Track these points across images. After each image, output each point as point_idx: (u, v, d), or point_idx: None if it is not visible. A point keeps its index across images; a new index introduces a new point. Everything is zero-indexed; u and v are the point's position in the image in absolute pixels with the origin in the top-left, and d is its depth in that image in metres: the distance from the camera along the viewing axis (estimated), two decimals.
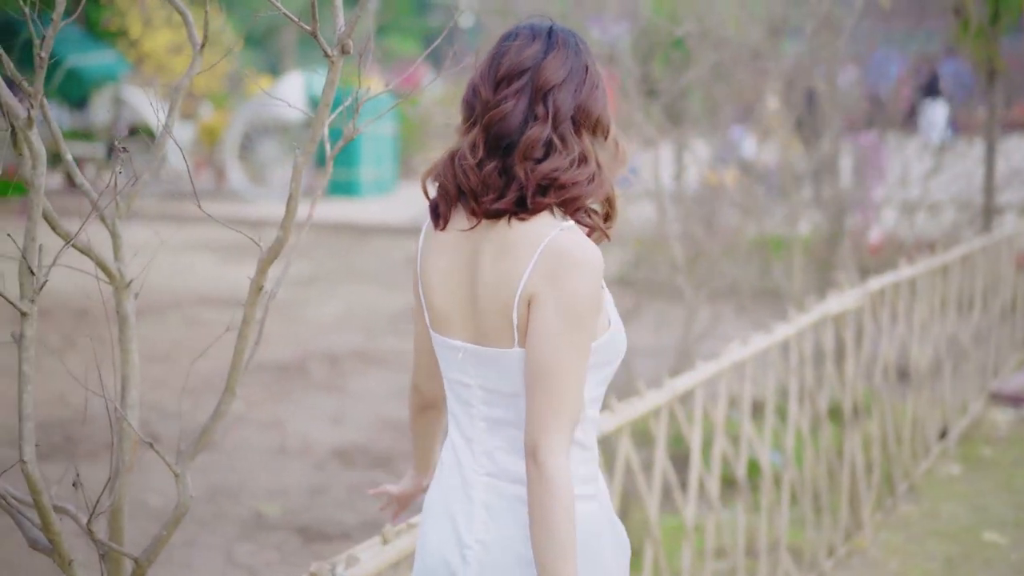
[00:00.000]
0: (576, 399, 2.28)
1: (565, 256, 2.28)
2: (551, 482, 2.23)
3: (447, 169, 2.41)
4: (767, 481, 4.84)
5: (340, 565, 2.64)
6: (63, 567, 2.37)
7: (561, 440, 2.25)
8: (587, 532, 2.37)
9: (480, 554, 2.41)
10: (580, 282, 2.27)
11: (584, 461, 2.40)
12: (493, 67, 2.39)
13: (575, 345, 2.27)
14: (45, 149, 2.22)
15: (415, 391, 2.76)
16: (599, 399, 2.45)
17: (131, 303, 2.58)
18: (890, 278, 6.05)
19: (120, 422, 2.51)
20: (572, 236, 2.30)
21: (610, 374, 2.44)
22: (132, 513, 4.23)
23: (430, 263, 2.46)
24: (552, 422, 2.26)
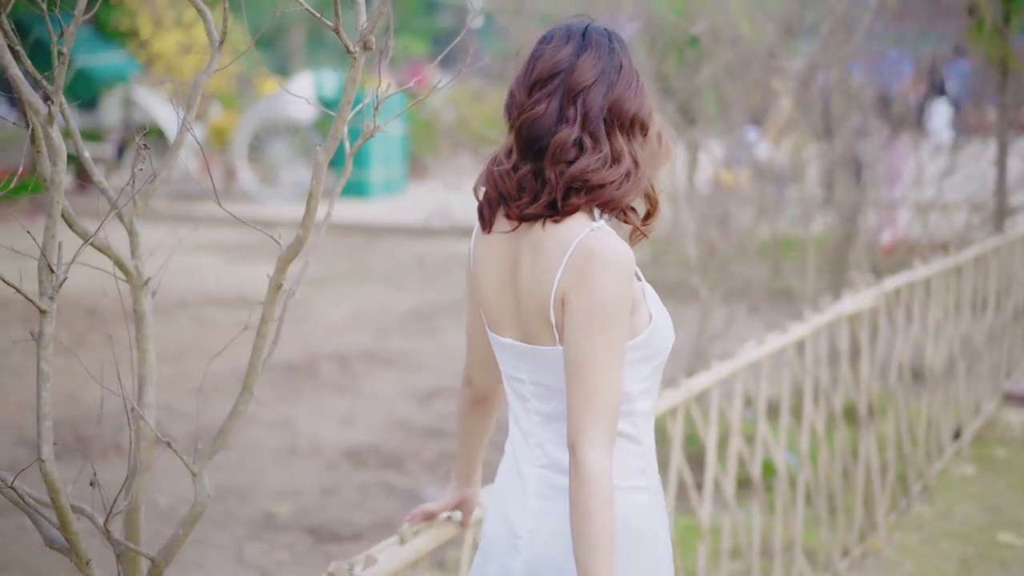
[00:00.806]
0: (611, 394, 2.32)
1: (594, 256, 2.32)
2: (586, 475, 2.28)
3: (487, 174, 2.47)
4: (782, 481, 4.82)
5: (358, 565, 2.63)
6: (80, 566, 2.36)
7: (597, 435, 2.30)
8: (637, 525, 2.45)
9: (530, 543, 2.49)
10: (608, 281, 2.31)
11: (634, 454, 2.46)
12: (528, 71, 2.44)
13: (606, 343, 2.31)
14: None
15: (467, 385, 2.80)
16: (649, 392, 2.50)
17: (148, 301, 2.58)
18: (905, 278, 6.03)
19: (137, 421, 2.50)
20: (600, 236, 2.35)
21: (659, 367, 2.49)
22: (145, 514, 4.21)
23: (480, 265, 2.55)
24: (587, 418, 2.30)
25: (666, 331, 2.47)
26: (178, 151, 2.55)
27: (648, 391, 2.49)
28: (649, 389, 2.49)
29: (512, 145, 2.42)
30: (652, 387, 2.50)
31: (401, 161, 21.51)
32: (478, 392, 2.77)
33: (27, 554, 5.71)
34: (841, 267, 7.72)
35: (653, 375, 2.49)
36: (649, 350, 2.44)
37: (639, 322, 2.42)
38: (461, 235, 14.50)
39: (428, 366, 9.61)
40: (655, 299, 2.49)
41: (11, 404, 8.01)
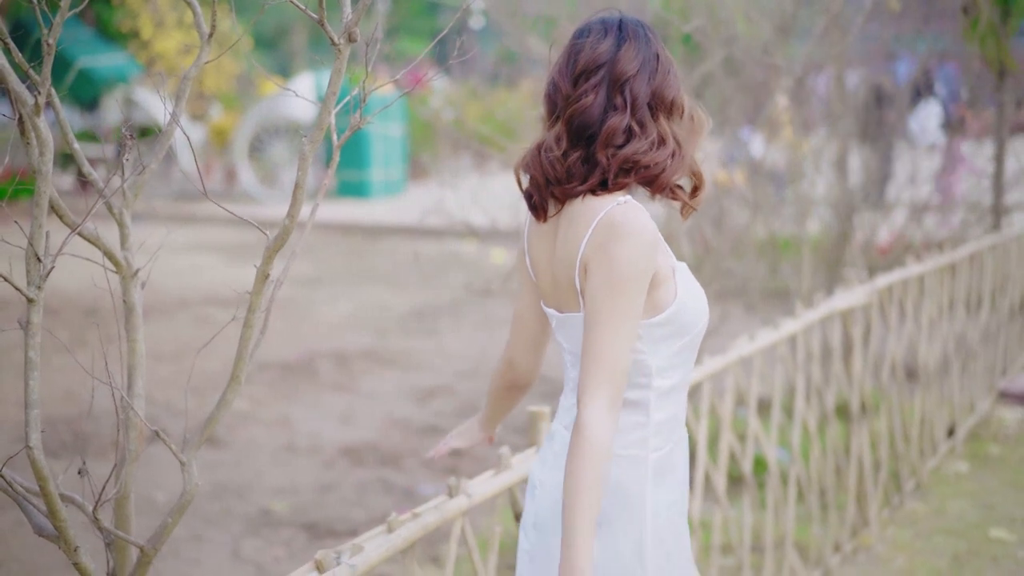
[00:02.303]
0: (616, 360, 2.43)
1: (615, 227, 2.46)
2: (581, 431, 2.41)
3: (535, 161, 2.60)
4: (774, 477, 4.84)
5: (346, 553, 2.65)
6: (69, 553, 2.38)
7: (599, 395, 2.42)
8: (626, 493, 2.58)
9: (540, 493, 2.68)
10: (625, 251, 2.44)
11: (638, 425, 2.59)
12: (571, 63, 2.58)
13: (617, 310, 2.44)
14: (55, 148, 2.25)
15: (508, 366, 2.93)
16: (673, 371, 2.60)
17: (138, 293, 2.59)
18: (898, 275, 6.05)
19: (126, 411, 2.52)
20: (625, 209, 2.49)
21: (687, 346, 2.60)
22: (139, 509, 4.24)
23: (533, 244, 2.70)
24: (592, 378, 2.44)
25: (696, 310, 2.58)
26: (167, 142, 2.57)
27: (671, 369, 2.59)
28: (674, 367, 2.59)
29: (561, 133, 2.56)
30: (678, 366, 2.60)
31: (401, 162, 21.54)
32: (519, 375, 2.92)
33: (23, 549, 5.73)
34: (837, 266, 7.74)
35: (681, 354, 2.60)
36: (674, 327, 2.56)
37: (664, 298, 2.54)
38: (458, 235, 14.56)
39: (427, 365, 9.63)
40: (688, 279, 2.61)
41: (11, 403, 8.03)
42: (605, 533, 2.58)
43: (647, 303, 2.52)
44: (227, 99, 23.00)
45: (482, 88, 10.52)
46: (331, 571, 2.58)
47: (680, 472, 2.70)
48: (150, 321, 10.94)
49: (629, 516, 2.58)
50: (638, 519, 2.58)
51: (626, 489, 2.58)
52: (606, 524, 2.57)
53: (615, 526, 2.58)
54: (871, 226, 8.36)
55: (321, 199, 2.57)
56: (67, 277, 11.45)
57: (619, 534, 2.58)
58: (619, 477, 2.57)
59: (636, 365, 2.55)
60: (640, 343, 2.54)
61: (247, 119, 20.55)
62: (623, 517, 2.58)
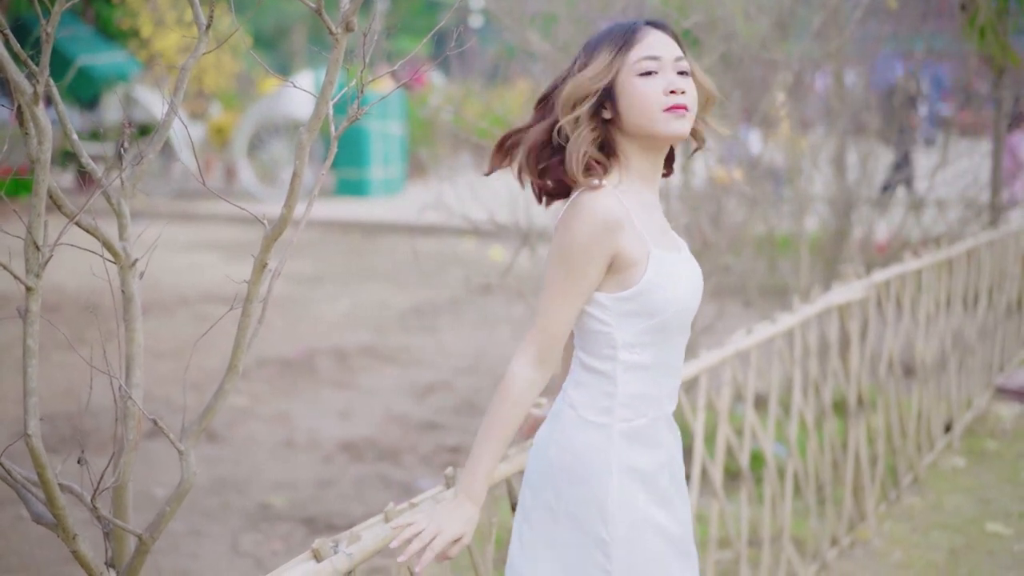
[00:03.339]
0: (551, 322, 2.66)
1: (574, 206, 2.66)
2: (503, 380, 2.67)
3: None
4: (771, 472, 4.85)
5: (343, 542, 2.66)
6: (67, 541, 2.39)
7: (527, 349, 2.67)
8: (583, 461, 2.72)
9: (532, 452, 2.85)
10: (575, 226, 2.63)
11: (603, 394, 2.72)
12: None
13: (559, 278, 2.65)
14: (56, 145, 2.26)
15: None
16: (642, 348, 2.70)
17: (136, 283, 2.61)
18: (895, 271, 6.06)
19: (125, 401, 2.53)
20: (589, 193, 2.65)
21: (657, 328, 2.70)
22: (139, 504, 4.25)
23: None
24: (527, 336, 2.69)
25: (667, 297, 2.66)
26: (166, 133, 2.58)
27: (640, 347, 2.69)
28: (643, 345, 2.69)
29: None
30: (648, 345, 2.70)
31: (400, 161, 21.55)
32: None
33: (24, 543, 5.75)
34: (835, 263, 7.75)
35: (651, 334, 2.69)
36: (638, 306, 2.66)
37: (631, 278, 2.65)
38: (457, 233, 14.56)
39: (426, 362, 9.64)
40: (668, 268, 2.68)
41: (10, 400, 8.05)
42: (571, 491, 2.71)
43: (615, 281, 2.66)
44: (226, 98, 23.00)
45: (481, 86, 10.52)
46: (328, 560, 2.59)
47: (664, 451, 2.78)
48: (150, 318, 10.95)
49: (593, 477, 2.70)
50: (603, 480, 2.69)
51: (591, 452, 2.71)
52: (575, 483, 2.71)
53: (581, 486, 2.71)
54: (869, 223, 8.38)
55: (317, 191, 2.59)
56: (67, 275, 11.47)
57: (584, 493, 2.71)
58: (586, 440, 2.72)
59: (603, 337, 2.70)
60: (607, 316, 2.68)
61: (246, 118, 20.55)
62: (588, 478, 2.70)
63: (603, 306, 2.68)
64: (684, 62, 2.71)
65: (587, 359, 2.73)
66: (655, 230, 2.72)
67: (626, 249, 2.63)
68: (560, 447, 2.74)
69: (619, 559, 2.71)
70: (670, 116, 2.67)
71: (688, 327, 2.80)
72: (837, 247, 7.93)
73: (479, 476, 2.68)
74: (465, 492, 2.68)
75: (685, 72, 2.71)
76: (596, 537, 2.70)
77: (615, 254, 2.63)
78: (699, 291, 2.80)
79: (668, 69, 2.69)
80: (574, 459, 2.72)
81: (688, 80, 2.70)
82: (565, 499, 2.72)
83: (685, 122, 2.68)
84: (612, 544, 2.70)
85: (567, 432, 2.74)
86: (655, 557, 2.75)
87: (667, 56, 2.69)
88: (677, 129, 2.68)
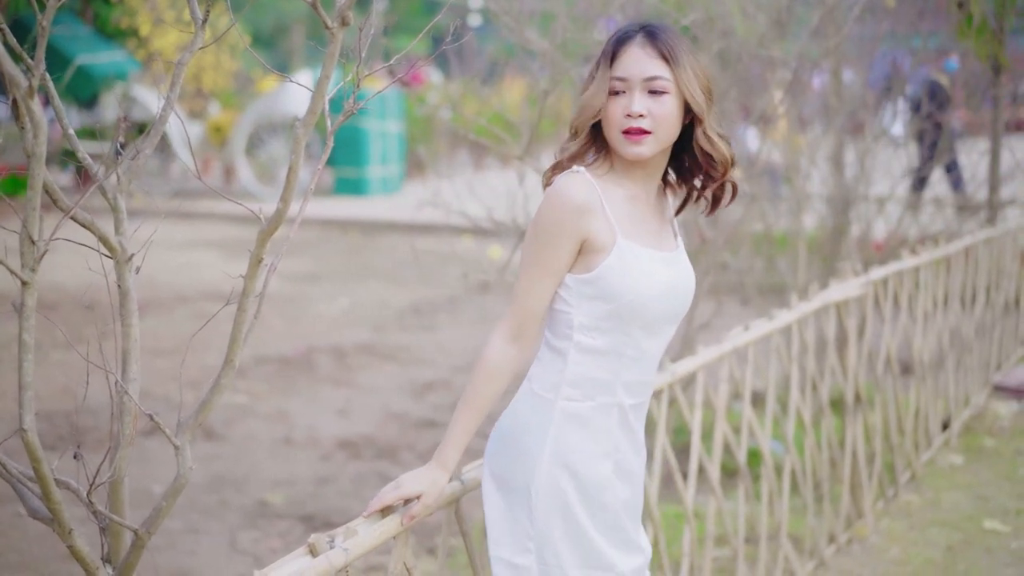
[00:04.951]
0: (525, 300, 2.76)
1: (548, 189, 2.79)
2: (480, 354, 2.78)
3: None
4: (768, 468, 4.85)
5: (339, 537, 2.66)
6: (63, 536, 2.39)
7: (503, 325, 2.78)
8: (522, 429, 2.83)
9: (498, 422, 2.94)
10: (545, 208, 2.75)
11: (555, 371, 2.81)
12: None
13: (530, 256, 2.76)
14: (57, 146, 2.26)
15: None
16: (599, 333, 2.77)
17: (132, 278, 2.61)
18: (893, 268, 6.07)
19: (121, 395, 2.53)
20: (564, 176, 2.76)
21: (615, 314, 2.75)
22: (137, 502, 4.26)
23: None
24: (506, 311, 2.80)
25: (628, 286, 2.72)
26: (162, 128, 2.58)
27: (596, 331, 2.77)
28: (600, 330, 2.77)
29: None
30: (605, 331, 2.77)
31: (399, 159, 21.55)
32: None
33: (23, 540, 5.75)
34: (833, 261, 7.75)
35: (609, 320, 2.76)
36: (598, 290, 2.74)
37: (594, 263, 2.73)
38: (456, 231, 14.56)
39: (425, 360, 9.64)
40: (631, 257, 2.73)
41: (10, 397, 8.05)
42: (508, 459, 2.84)
43: (581, 263, 2.75)
44: (225, 96, 22.99)
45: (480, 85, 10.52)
46: (324, 555, 2.59)
47: (609, 440, 2.83)
48: (149, 317, 10.95)
49: (528, 449, 2.81)
50: (535, 454, 2.79)
51: (531, 424, 2.81)
52: (511, 451, 2.84)
53: (516, 455, 2.83)
54: (867, 221, 8.38)
55: (314, 187, 2.59)
56: (67, 274, 11.47)
57: (517, 462, 2.82)
58: (529, 413, 2.83)
59: (563, 316, 2.79)
60: (569, 296, 2.77)
61: (245, 116, 20.55)
62: (523, 449, 2.81)
63: (567, 286, 2.77)
64: (660, 81, 2.74)
65: (549, 337, 2.84)
66: (631, 221, 2.78)
67: (595, 233, 2.72)
68: (509, 416, 2.88)
69: (540, 531, 2.80)
70: (626, 140, 2.75)
71: (656, 325, 2.82)
72: (835, 245, 7.93)
73: (450, 444, 2.79)
74: (436, 458, 2.81)
75: (657, 91, 2.74)
76: (523, 505, 2.81)
77: (584, 237, 2.72)
78: (678, 293, 2.84)
79: (635, 89, 2.74)
80: (515, 428, 2.84)
81: (659, 100, 2.74)
82: (502, 465, 2.85)
83: (643, 147, 2.74)
84: (536, 515, 2.80)
85: (518, 403, 2.87)
86: (576, 537, 2.82)
87: (636, 76, 2.74)
88: (632, 152, 2.75)
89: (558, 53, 5.69)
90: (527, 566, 2.81)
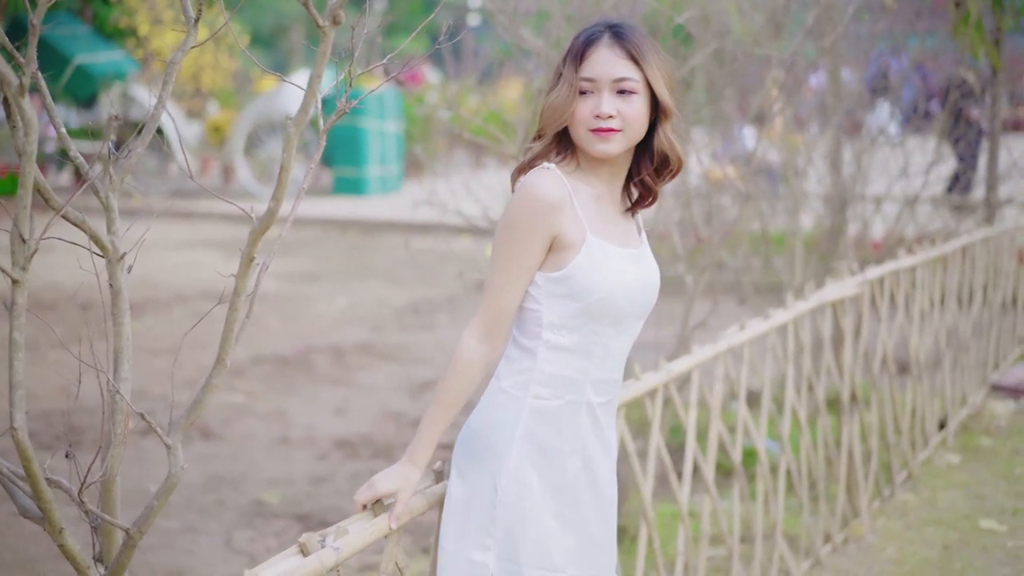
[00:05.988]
0: (497, 297, 2.76)
1: (519, 186, 2.81)
2: (454, 353, 2.80)
3: None
4: (764, 468, 4.85)
5: (330, 536, 2.66)
6: (54, 535, 2.39)
7: (475, 324, 2.79)
8: (488, 424, 2.84)
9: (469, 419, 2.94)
10: (516, 204, 2.77)
11: (521, 369, 2.82)
12: None
13: (500, 253, 2.77)
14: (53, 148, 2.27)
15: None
16: (568, 331, 2.79)
17: (124, 277, 2.60)
18: (889, 267, 6.07)
19: (112, 394, 2.53)
20: (534, 173, 2.78)
21: (584, 312, 2.77)
22: (133, 502, 4.25)
23: None
24: (477, 310, 2.81)
25: (596, 284, 2.74)
26: (154, 126, 2.57)
27: (566, 329, 2.78)
28: (569, 328, 2.78)
29: None
30: (574, 329, 2.79)
31: (397, 159, 21.55)
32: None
33: (18, 539, 5.75)
34: (830, 260, 7.75)
35: (578, 319, 2.78)
36: (567, 289, 2.75)
37: (563, 261, 2.75)
38: (453, 230, 14.55)
39: (423, 359, 9.65)
40: (600, 255, 2.76)
41: (3, 397, 8.04)
42: (475, 457, 2.84)
43: (551, 262, 2.76)
44: (224, 96, 22.99)
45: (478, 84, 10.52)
46: (315, 554, 2.59)
47: (576, 438, 2.85)
48: (147, 316, 10.96)
49: (495, 447, 2.81)
50: (502, 452, 2.80)
51: (499, 422, 2.82)
52: (478, 449, 2.84)
53: (483, 453, 2.83)
54: (864, 220, 8.38)
55: (307, 185, 2.59)
56: (65, 274, 11.46)
57: (483, 460, 2.82)
58: (497, 410, 2.83)
59: (532, 315, 2.80)
60: (539, 295, 2.78)
61: (244, 116, 20.55)
62: (490, 446, 2.82)
63: (536, 285, 2.78)
64: (628, 82, 2.77)
65: (517, 335, 2.84)
66: (599, 219, 2.81)
67: (564, 230, 2.74)
68: (477, 413, 2.88)
69: (503, 529, 2.81)
70: (594, 138, 2.78)
71: (625, 322, 2.84)
72: (832, 244, 7.93)
73: (421, 441, 2.79)
74: (408, 455, 2.81)
75: (626, 91, 2.77)
76: (487, 503, 2.81)
77: (555, 234, 2.74)
78: (645, 290, 2.86)
79: (604, 89, 2.77)
80: (483, 426, 2.85)
81: (628, 100, 2.77)
82: (468, 462, 2.85)
83: (611, 144, 2.78)
84: (499, 512, 2.80)
85: (486, 400, 2.87)
86: (540, 536, 2.82)
87: (604, 77, 2.77)
88: (601, 150, 2.79)
89: (553, 52, 5.69)
90: (485, 563, 2.81)
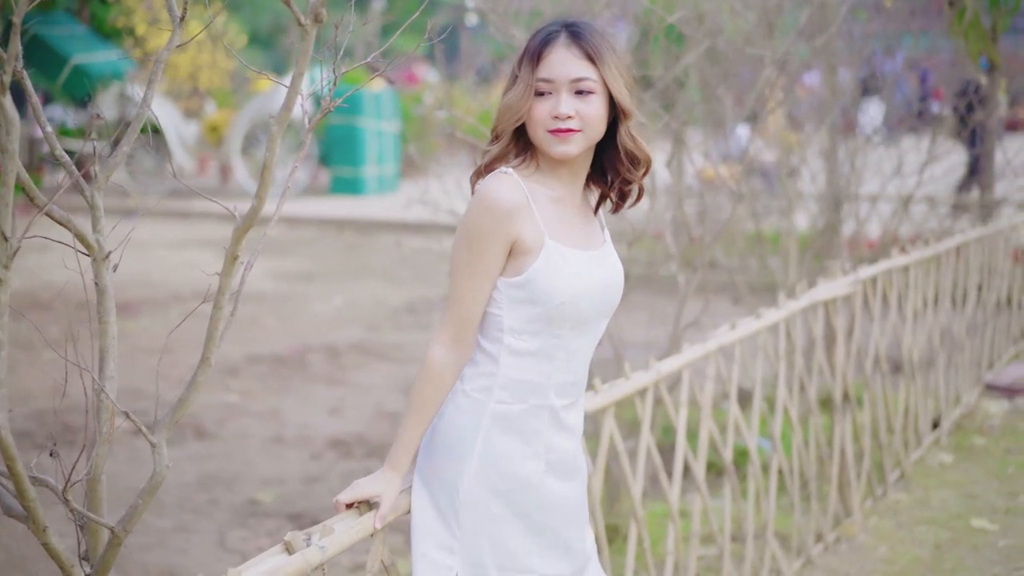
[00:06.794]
0: (461, 305, 2.76)
1: (476, 192, 2.79)
2: (425, 360, 2.78)
3: None
4: (755, 467, 4.85)
5: (316, 535, 2.66)
6: (38, 534, 2.39)
7: (442, 332, 2.78)
8: (454, 429, 2.83)
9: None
10: (473, 211, 2.74)
11: (484, 374, 2.82)
12: None
13: (461, 260, 2.75)
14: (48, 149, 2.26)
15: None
16: (529, 336, 2.79)
17: (109, 275, 2.61)
18: (882, 266, 6.07)
19: (98, 393, 2.53)
20: (490, 178, 2.77)
21: (544, 316, 2.77)
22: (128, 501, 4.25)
23: None
24: (443, 318, 2.81)
25: (556, 288, 2.74)
26: (140, 124, 2.57)
27: (526, 334, 2.79)
28: (529, 333, 2.78)
29: None
30: (535, 334, 2.79)
31: (395, 159, 21.56)
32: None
33: (12, 539, 5.75)
34: (824, 259, 7.75)
35: (537, 323, 2.77)
36: (527, 293, 2.75)
37: (523, 266, 2.74)
38: (450, 229, 14.56)
39: (418, 359, 9.62)
40: (559, 259, 2.75)
41: None
42: (436, 459, 2.84)
43: (512, 266, 2.75)
44: (221, 96, 22.99)
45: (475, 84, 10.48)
46: (300, 552, 2.60)
47: (540, 442, 2.85)
48: (144, 315, 10.97)
49: (457, 450, 2.82)
50: (464, 455, 2.81)
51: (462, 426, 2.82)
52: (440, 452, 2.84)
53: (445, 456, 2.83)
54: (859, 220, 8.38)
55: (291, 183, 2.59)
56: (63, 273, 11.47)
57: (446, 463, 2.83)
58: (460, 414, 2.83)
59: (494, 320, 2.79)
60: (500, 299, 2.77)
61: (241, 116, 20.55)
62: (453, 449, 2.82)
63: (497, 289, 2.77)
64: (586, 82, 2.75)
65: (481, 340, 2.83)
66: (558, 223, 2.79)
67: (523, 235, 2.73)
68: (441, 417, 2.86)
69: (466, 531, 2.81)
70: (553, 139, 2.76)
71: (587, 325, 2.84)
72: (827, 243, 7.93)
73: (400, 448, 2.80)
74: (388, 462, 2.82)
75: (584, 91, 2.75)
76: (451, 504, 2.82)
77: (514, 240, 2.73)
78: (607, 291, 2.86)
79: (562, 90, 2.75)
80: (447, 429, 2.84)
81: (586, 100, 2.75)
82: (432, 465, 2.86)
83: (570, 145, 2.76)
84: (462, 514, 2.81)
85: (450, 403, 2.85)
86: (504, 538, 2.83)
87: (562, 78, 2.75)
88: (560, 151, 2.76)
89: None
90: (449, 565, 2.81)
